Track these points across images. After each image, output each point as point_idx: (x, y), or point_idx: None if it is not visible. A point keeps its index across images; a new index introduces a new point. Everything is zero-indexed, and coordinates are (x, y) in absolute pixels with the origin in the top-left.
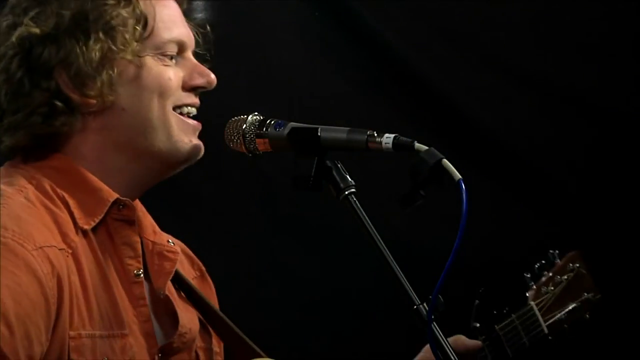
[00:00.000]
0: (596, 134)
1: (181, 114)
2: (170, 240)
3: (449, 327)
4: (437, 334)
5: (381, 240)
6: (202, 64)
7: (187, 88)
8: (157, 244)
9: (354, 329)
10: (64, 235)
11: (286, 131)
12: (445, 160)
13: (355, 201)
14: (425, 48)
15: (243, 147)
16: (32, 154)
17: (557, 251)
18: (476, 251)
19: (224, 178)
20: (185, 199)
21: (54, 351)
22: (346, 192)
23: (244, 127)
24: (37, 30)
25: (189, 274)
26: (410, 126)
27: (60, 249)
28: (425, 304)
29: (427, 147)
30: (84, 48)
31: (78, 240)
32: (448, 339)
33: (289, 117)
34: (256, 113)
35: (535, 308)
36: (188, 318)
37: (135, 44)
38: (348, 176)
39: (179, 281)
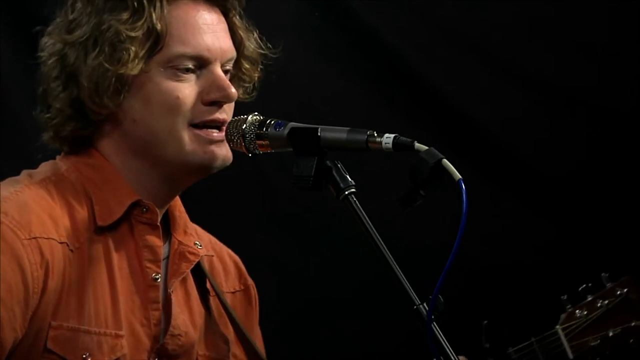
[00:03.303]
0: (596, 134)
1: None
2: (197, 243)
3: (449, 328)
4: (437, 334)
5: (381, 240)
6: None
7: (206, 102)
8: (183, 244)
9: (354, 329)
10: (74, 230)
11: (286, 131)
12: (445, 160)
13: (355, 201)
14: (425, 48)
15: (243, 147)
16: (74, 148)
17: (608, 274)
18: (476, 251)
19: (224, 178)
20: (185, 198)
21: (28, 338)
22: (346, 192)
23: (244, 127)
24: (63, 39)
25: (232, 285)
26: (410, 126)
27: (60, 243)
28: (425, 304)
29: (427, 147)
30: (88, 60)
31: (89, 237)
32: None
33: (289, 117)
34: (256, 113)
35: (560, 332)
36: (186, 321)
37: (138, 60)
38: (348, 176)
39: (205, 289)
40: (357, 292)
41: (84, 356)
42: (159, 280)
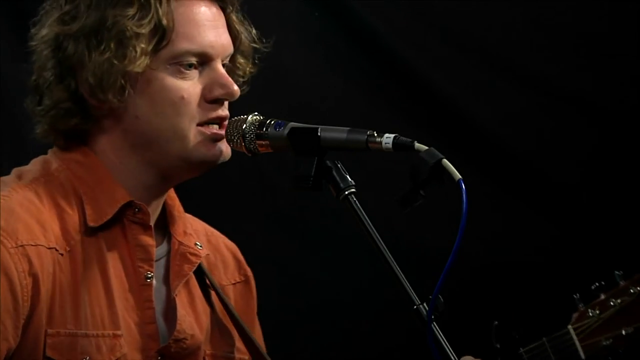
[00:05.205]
0: (596, 134)
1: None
2: (198, 243)
3: (449, 328)
4: (437, 334)
5: (381, 240)
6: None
7: (208, 100)
8: (184, 245)
9: (354, 329)
10: (64, 233)
11: (286, 131)
12: (445, 160)
13: (355, 201)
14: (425, 48)
15: (243, 147)
16: (65, 144)
17: (621, 272)
18: (476, 250)
19: (224, 178)
20: (185, 198)
21: (26, 348)
22: (346, 192)
23: (244, 127)
24: (59, 30)
25: (232, 277)
26: (410, 126)
27: (49, 248)
28: (425, 304)
29: (427, 147)
30: (93, 55)
31: (80, 239)
32: None
33: (289, 117)
34: (256, 113)
35: (572, 332)
36: (192, 324)
37: (144, 57)
38: (348, 176)
39: (206, 286)
40: (357, 292)
41: None
42: (151, 279)
